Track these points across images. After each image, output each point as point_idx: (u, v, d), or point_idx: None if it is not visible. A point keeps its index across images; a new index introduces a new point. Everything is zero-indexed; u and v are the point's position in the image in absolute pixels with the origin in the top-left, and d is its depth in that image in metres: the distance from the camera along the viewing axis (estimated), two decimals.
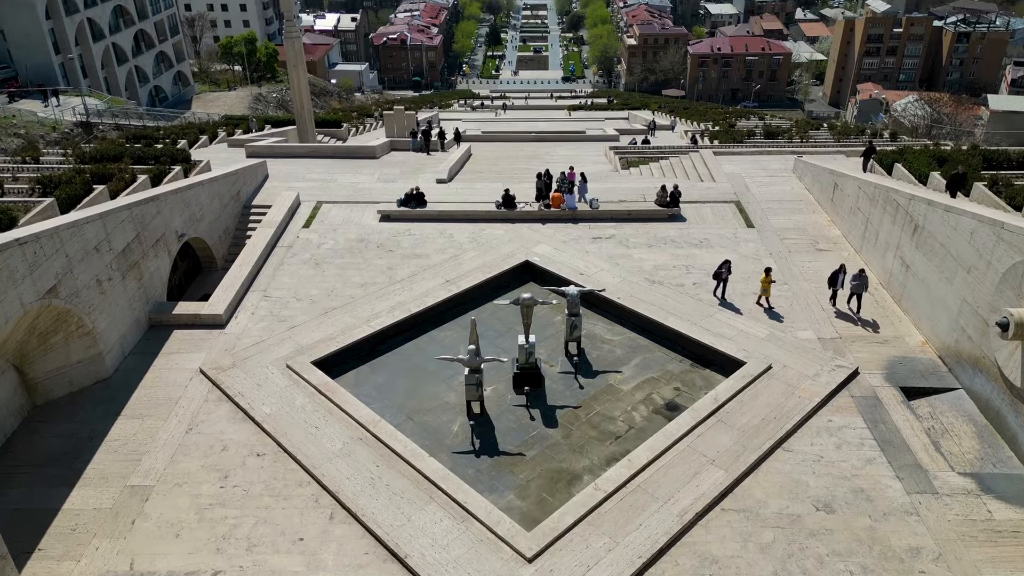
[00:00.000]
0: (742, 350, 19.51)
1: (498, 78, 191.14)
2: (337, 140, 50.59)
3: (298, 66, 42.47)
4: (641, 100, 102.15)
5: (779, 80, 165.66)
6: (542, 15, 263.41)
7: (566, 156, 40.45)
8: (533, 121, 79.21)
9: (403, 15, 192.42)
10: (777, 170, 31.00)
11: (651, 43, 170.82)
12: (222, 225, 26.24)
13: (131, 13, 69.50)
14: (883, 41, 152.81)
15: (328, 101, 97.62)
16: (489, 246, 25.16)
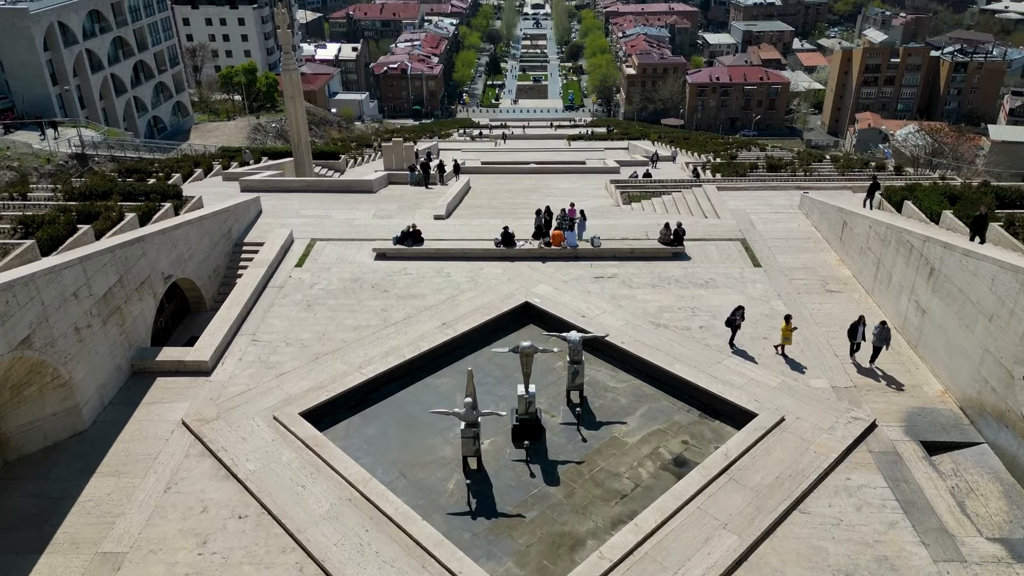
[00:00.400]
0: (753, 400, 18.57)
1: (498, 107, 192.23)
2: (335, 172, 50.10)
3: (295, 98, 42.03)
4: (641, 129, 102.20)
5: (777, 109, 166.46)
6: (541, 45, 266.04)
7: (566, 189, 39.84)
8: (533, 151, 78.97)
9: (404, 45, 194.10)
10: (783, 206, 30.30)
11: (650, 72, 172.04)
12: (212, 264, 25.43)
13: (131, 44, 69.50)
14: (881, 71, 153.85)
15: (328, 131, 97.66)
16: (488, 286, 24.33)
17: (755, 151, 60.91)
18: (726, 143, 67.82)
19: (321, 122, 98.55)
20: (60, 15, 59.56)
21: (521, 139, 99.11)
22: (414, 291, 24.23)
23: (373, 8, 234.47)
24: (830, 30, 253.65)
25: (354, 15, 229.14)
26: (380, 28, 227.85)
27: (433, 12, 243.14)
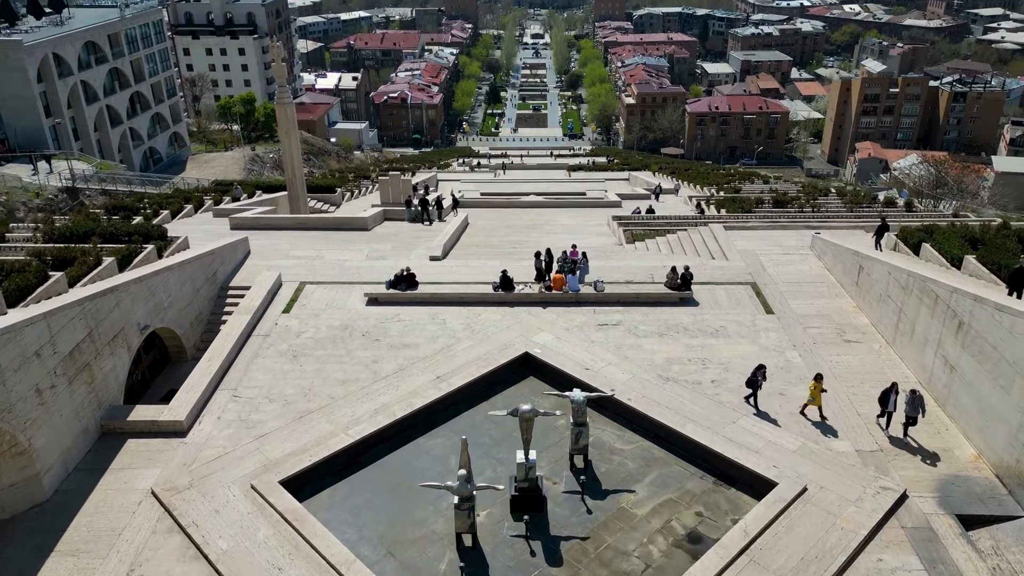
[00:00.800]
0: (772, 466, 17.13)
1: (498, 135, 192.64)
2: (330, 206, 49.06)
3: (290, 132, 41.10)
4: (641, 160, 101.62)
5: (777, 138, 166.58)
6: (541, 74, 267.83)
7: (567, 226, 38.70)
8: (533, 181, 78.17)
9: (404, 74, 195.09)
10: (793, 247, 29.08)
11: (649, 102, 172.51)
12: (194, 311, 24.11)
13: (128, 76, 68.94)
14: (880, 101, 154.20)
15: (326, 161, 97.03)
16: (485, 334, 22.98)
17: (758, 183, 60.01)
18: (728, 175, 66.98)
19: (320, 152, 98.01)
20: (55, 47, 59.03)
21: (521, 169, 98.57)
22: (407, 340, 22.87)
23: (374, 38, 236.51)
24: (828, 60, 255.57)
25: (355, 45, 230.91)
26: (380, 57, 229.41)
27: (433, 42, 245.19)
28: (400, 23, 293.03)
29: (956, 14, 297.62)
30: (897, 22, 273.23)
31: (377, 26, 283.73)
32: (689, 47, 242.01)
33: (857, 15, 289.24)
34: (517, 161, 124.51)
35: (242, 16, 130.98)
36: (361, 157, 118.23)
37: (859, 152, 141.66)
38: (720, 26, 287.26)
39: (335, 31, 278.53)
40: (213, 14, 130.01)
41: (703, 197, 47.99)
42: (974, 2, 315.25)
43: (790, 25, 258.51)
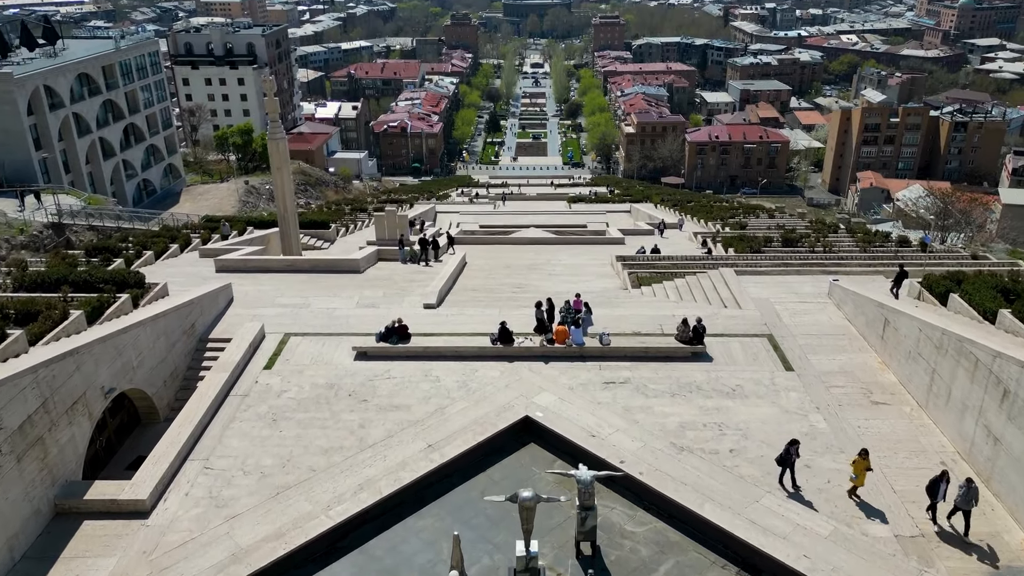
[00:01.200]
0: (802, 556, 15.27)
1: (497, 164, 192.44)
2: (324, 242, 47.57)
3: (282, 168, 39.72)
4: (642, 190, 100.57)
5: (778, 167, 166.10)
6: (540, 103, 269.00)
7: (569, 265, 37.14)
8: (532, 214, 76.96)
9: (404, 103, 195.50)
10: (809, 295, 27.43)
11: (649, 131, 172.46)
12: (168, 367, 22.38)
13: (122, 107, 67.94)
14: (880, 130, 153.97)
15: (324, 191, 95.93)
16: (482, 394, 21.21)
17: (763, 217, 58.66)
18: (731, 208, 65.64)
19: (318, 183, 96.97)
20: (47, 79, 58.03)
21: (520, 200, 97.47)
22: (397, 400, 21.09)
23: (374, 67, 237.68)
24: (826, 89, 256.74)
25: (355, 74, 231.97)
26: (381, 87, 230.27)
27: (434, 71, 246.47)
28: (401, 52, 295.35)
29: (953, 44, 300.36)
30: (895, 52, 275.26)
31: (378, 56, 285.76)
32: (688, 76, 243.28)
33: (855, 45, 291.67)
34: (517, 191, 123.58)
35: (242, 47, 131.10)
36: (360, 187, 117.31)
37: (860, 182, 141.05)
38: (719, 56, 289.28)
39: (336, 60, 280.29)
40: (213, 44, 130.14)
41: (709, 234, 46.50)
42: (971, 33, 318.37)
43: (788, 55, 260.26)
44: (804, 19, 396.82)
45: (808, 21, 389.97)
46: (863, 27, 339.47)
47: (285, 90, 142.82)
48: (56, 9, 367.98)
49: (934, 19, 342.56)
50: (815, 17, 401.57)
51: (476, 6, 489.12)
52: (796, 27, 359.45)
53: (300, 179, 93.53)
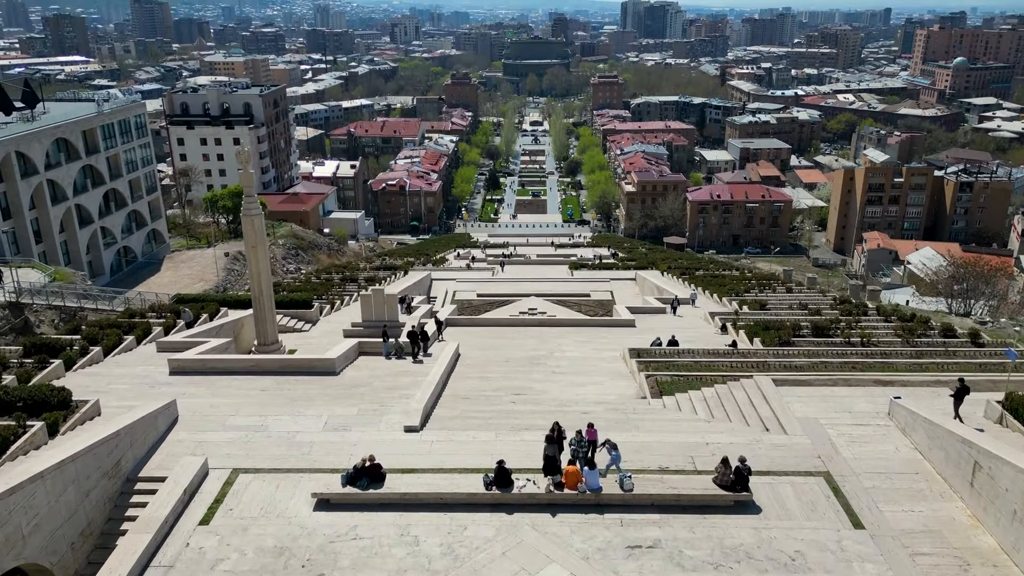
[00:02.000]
0: None
1: (496, 221, 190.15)
2: (306, 323, 43.37)
3: (257, 247, 35.81)
4: (646, 254, 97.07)
5: (781, 227, 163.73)
6: (540, 160, 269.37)
7: (575, 359, 32.80)
8: (533, 281, 73.28)
9: (403, 161, 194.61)
10: (865, 413, 23.03)
11: (649, 190, 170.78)
12: (79, 524, 17.81)
13: (102, 173, 64.72)
14: (885, 190, 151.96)
15: (316, 255, 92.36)
16: (472, 567, 16.56)
17: (779, 290, 54.74)
18: (743, 279, 61.74)
19: (310, 246, 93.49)
20: (20, 144, 54.86)
21: (520, 263, 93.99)
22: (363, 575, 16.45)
23: (374, 126, 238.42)
24: (825, 148, 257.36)
25: (355, 132, 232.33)
26: (381, 145, 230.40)
27: (434, 129, 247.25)
28: (401, 111, 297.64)
29: (949, 103, 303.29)
30: (892, 111, 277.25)
31: (378, 114, 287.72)
32: (687, 135, 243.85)
33: (852, 104, 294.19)
34: (516, 252, 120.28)
35: (239, 106, 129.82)
36: (355, 248, 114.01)
37: (867, 242, 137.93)
38: (717, 114, 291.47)
39: (337, 118, 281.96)
40: (210, 105, 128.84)
41: (728, 315, 42.40)
42: (966, 92, 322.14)
43: (787, 114, 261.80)
44: (800, 78, 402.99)
45: (804, 80, 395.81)
46: (858, 86, 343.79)
47: (282, 149, 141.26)
48: (61, 68, 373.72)
49: (929, 79, 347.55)
50: (810, 77, 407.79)
51: (477, 65, 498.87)
52: (792, 86, 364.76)
53: (292, 243, 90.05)
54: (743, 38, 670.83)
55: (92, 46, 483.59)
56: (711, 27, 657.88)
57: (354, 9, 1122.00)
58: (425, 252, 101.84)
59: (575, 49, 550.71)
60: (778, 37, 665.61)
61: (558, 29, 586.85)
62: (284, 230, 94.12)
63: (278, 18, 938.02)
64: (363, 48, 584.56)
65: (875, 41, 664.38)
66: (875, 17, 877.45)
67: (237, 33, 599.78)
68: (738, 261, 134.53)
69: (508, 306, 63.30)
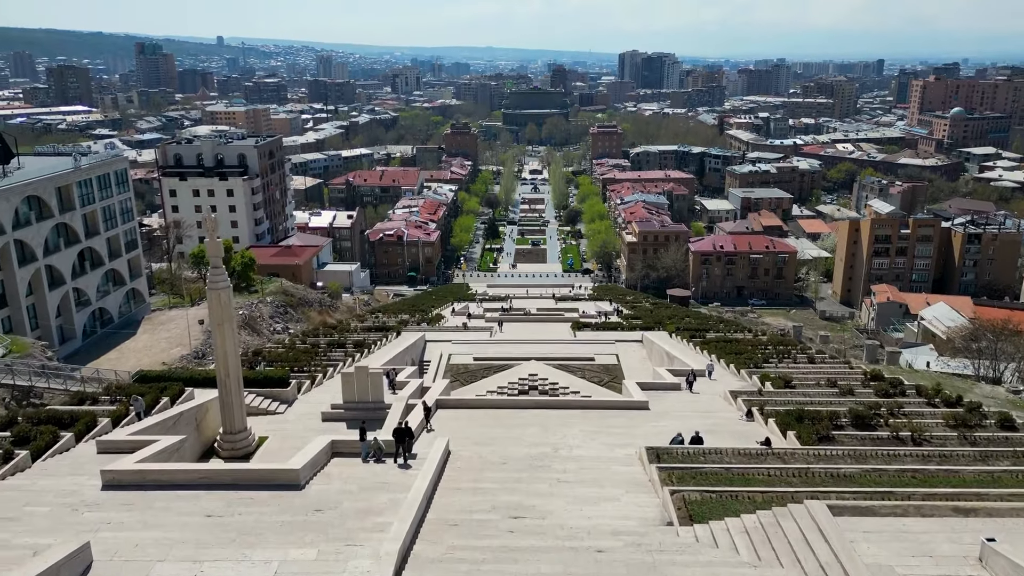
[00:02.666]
0: None
1: (496, 271, 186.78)
2: (280, 404, 38.96)
3: (224, 325, 31.66)
4: (651, 311, 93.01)
5: (786, 278, 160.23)
6: (540, 209, 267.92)
7: (584, 462, 28.29)
8: (533, 343, 69.31)
9: (401, 211, 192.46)
10: (951, 558, 18.46)
11: (651, 240, 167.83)
12: None
13: (77, 231, 61.06)
14: (892, 242, 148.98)
15: (307, 312, 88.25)
16: None
17: (800, 360, 50.49)
18: (761, 345, 57.51)
19: (300, 303, 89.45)
20: None
21: (520, 320, 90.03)
22: None
23: (373, 175, 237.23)
24: (826, 197, 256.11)
25: (354, 181, 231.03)
26: (379, 194, 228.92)
27: (433, 179, 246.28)
28: (401, 160, 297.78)
29: (948, 153, 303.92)
30: (892, 161, 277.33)
31: (378, 163, 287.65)
32: (687, 184, 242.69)
33: (851, 154, 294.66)
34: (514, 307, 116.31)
35: (233, 157, 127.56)
36: (349, 302, 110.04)
37: (876, 295, 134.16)
38: (716, 163, 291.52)
39: (336, 167, 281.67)
40: (204, 155, 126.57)
41: (751, 394, 38.08)
42: (964, 142, 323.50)
43: (787, 163, 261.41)
44: (797, 128, 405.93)
45: (801, 130, 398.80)
46: (856, 136, 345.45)
47: (277, 200, 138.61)
48: (62, 117, 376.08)
49: (926, 128, 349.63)
50: (808, 126, 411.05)
51: (477, 115, 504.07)
52: (790, 136, 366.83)
53: (281, 300, 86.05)
54: (739, 88, 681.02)
55: (95, 96, 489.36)
56: (708, 78, 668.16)
57: (356, 60, 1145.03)
58: (420, 307, 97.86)
59: (574, 99, 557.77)
60: (774, 87, 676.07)
61: (557, 79, 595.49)
62: (274, 286, 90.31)
63: (281, 69, 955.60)
64: (364, 98, 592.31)
65: (869, 91, 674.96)
66: (868, 68, 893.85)
67: (240, 83, 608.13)
68: (745, 315, 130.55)
69: (507, 371, 59.15)
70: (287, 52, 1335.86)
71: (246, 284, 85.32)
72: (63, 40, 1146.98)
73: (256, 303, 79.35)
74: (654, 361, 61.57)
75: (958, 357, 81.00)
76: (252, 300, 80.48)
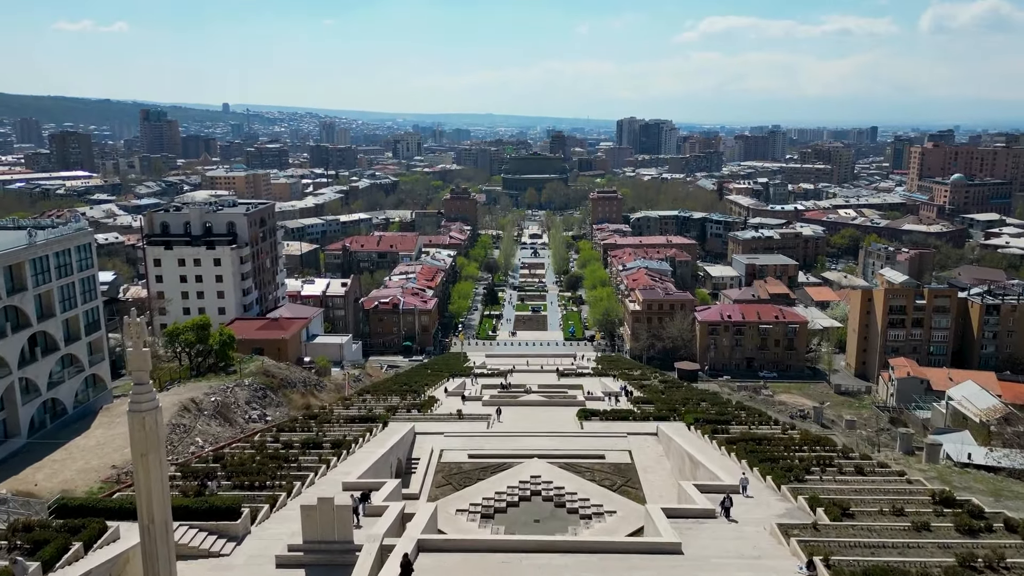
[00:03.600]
0: None
1: (495, 339, 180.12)
2: (227, 543, 31.86)
3: (149, 455, 25.07)
4: (663, 393, 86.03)
5: (797, 349, 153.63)
6: (540, 273, 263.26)
7: None
8: (535, 435, 62.44)
9: (398, 278, 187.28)
10: None
11: (656, 309, 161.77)
12: None
13: (28, 314, 54.84)
14: (907, 312, 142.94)
15: (289, 395, 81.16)
16: None
17: (847, 471, 43.51)
18: (791, 443, 50.55)
19: (282, 385, 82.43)
20: None
21: (520, 403, 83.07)
22: None
23: (370, 240, 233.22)
24: (830, 263, 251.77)
25: (350, 247, 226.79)
26: (376, 260, 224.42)
27: (432, 243, 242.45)
28: (400, 225, 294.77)
29: (951, 219, 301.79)
30: (896, 227, 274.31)
31: (376, 228, 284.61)
32: (689, 249, 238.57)
33: (854, 220, 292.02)
34: (516, 376, 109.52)
35: (222, 226, 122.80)
36: (338, 378, 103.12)
37: (895, 370, 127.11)
38: (718, 228, 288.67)
39: (334, 232, 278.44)
40: (191, 224, 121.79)
41: (804, 529, 31.09)
42: (965, 208, 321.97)
43: (790, 229, 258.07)
44: (797, 193, 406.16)
45: (801, 195, 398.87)
46: (857, 201, 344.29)
47: (268, 268, 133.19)
48: (62, 183, 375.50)
49: (927, 194, 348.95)
50: (808, 192, 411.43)
51: (477, 179, 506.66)
52: (790, 201, 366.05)
53: (261, 382, 78.98)
54: (736, 154, 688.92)
55: (97, 161, 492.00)
56: (705, 143, 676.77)
57: (359, 126, 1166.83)
58: (413, 387, 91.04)
59: (572, 164, 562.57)
60: (770, 153, 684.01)
61: (556, 145, 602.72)
62: (254, 365, 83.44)
63: (285, 135, 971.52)
64: (366, 163, 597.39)
65: (865, 157, 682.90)
66: (862, 135, 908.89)
67: (242, 149, 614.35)
68: (759, 392, 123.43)
69: (506, 472, 52.27)
70: (291, 118, 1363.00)
71: (224, 364, 78.57)
72: (71, 107, 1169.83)
73: (232, 387, 72.47)
74: (672, 460, 54.61)
75: (996, 445, 73.96)
76: (228, 383, 73.62)
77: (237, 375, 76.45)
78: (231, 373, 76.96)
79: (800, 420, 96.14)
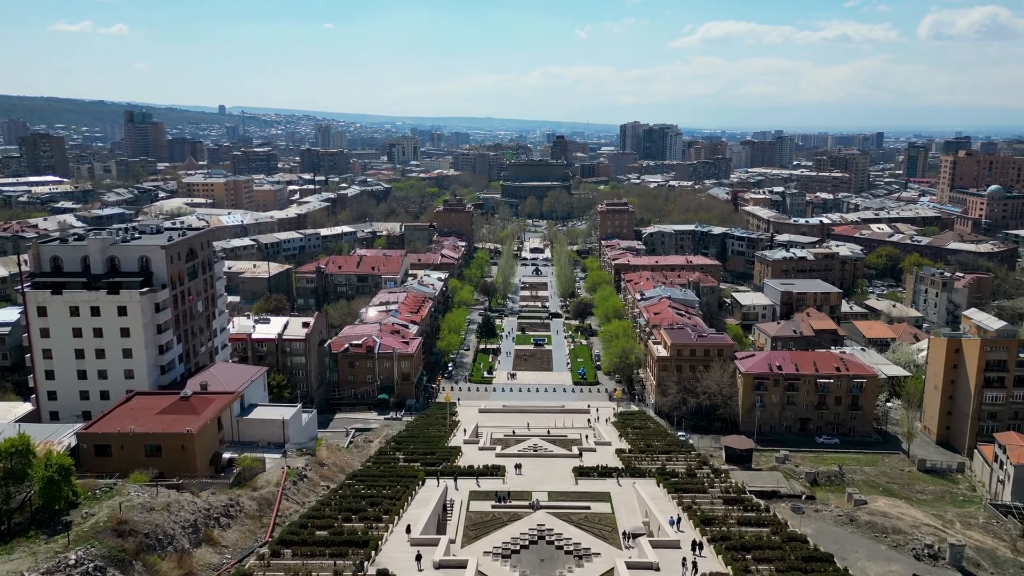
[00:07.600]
0: None
1: (491, 383, 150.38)
2: None
3: None
4: (723, 521, 56.84)
5: (863, 409, 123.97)
6: (543, 296, 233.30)
7: None
8: None
9: (376, 310, 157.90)
10: None
11: (686, 355, 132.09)
12: None
13: None
14: (1007, 369, 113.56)
15: (153, 565, 51.06)
16: None
17: None
18: None
19: (143, 548, 52.18)
20: None
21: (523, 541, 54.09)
22: None
23: (349, 261, 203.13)
24: (871, 288, 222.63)
25: (326, 269, 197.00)
26: (356, 284, 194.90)
27: (420, 263, 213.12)
28: (387, 239, 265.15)
29: (990, 234, 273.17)
30: (939, 245, 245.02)
31: (362, 242, 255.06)
32: (713, 272, 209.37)
33: (891, 236, 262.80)
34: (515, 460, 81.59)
35: (132, 262, 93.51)
36: (273, 482, 74.16)
37: (1009, 451, 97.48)
38: (740, 245, 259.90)
39: (313, 247, 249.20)
40: (91, 259, 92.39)
41: None
42: (1004, 222, 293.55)
43: (824, 247, 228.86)
44: (815, 203, 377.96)
45: (820, 206, 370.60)
46: (886, 214, 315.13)
47: (199, 314, 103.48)
48: (27, 189, 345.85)
49: (959, 207, 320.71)
50: (827, 202, 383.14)
51: (474, 186, 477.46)
52: (809, 213, 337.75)
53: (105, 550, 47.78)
54: (743, 160, 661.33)
55: (72, 165, 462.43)
56: (711, 149, 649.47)
57: (356, 129, 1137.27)
58: (377, 499, 61.98)
59: (575, 170, 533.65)
60: (777, 159, 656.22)
61: (558, 150, 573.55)
62: (104, 514, 51.19)
63: (280, 137, 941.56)
64: (359, 168, 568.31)
65: (876, 164, 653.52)
66: (868, 140, 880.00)
67: (231, 153, 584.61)
68: (817, 469, 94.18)
69: None
70: (288, 120, 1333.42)
71: (51, 516, 48.81)
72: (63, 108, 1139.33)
73: (49, 570, 42.88)
74: None
75: None
76: (47, 560, 44.05)
77: (68, 537, 46.92)
78: (59, 534, 47.40)
79: (929, 563, 66.68)
